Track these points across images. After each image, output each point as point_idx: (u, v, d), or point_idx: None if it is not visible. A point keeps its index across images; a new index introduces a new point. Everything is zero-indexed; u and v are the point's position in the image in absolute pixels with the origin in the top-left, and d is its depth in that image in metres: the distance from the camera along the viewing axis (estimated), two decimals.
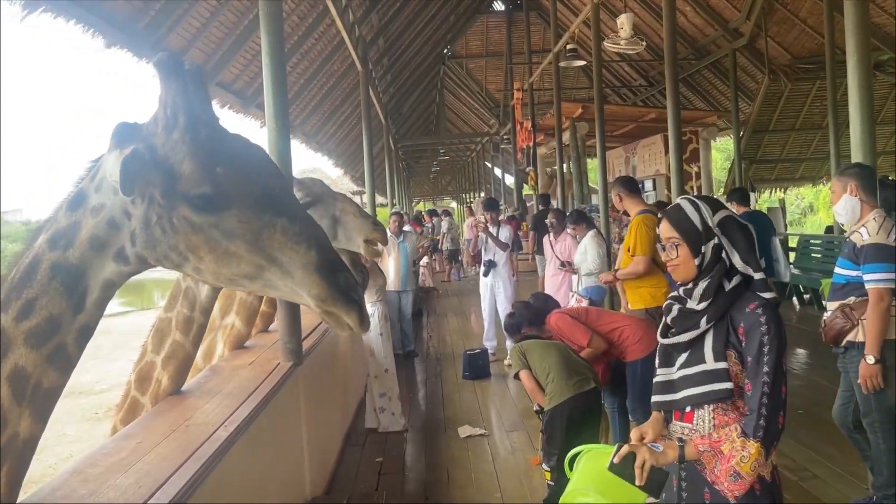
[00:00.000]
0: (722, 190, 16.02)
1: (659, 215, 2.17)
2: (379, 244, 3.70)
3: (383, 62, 13.92)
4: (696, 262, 1.92)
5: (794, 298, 10.16)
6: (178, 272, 1.76)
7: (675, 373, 1.95)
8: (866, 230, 3.24)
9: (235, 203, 1.54)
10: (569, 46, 11.65)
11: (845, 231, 3.62)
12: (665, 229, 1.99)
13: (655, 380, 2.02)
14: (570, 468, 1.98)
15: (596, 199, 15.78)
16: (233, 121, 8.12)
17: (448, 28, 18.51)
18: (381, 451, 5.05)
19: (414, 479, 4.58)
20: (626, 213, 5.76)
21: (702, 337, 1.90)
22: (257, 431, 2.85)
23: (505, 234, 7.73)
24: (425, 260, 13.50)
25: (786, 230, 13.05)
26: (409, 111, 23.70)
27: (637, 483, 1.78)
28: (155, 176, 1.52)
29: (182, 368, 2.91)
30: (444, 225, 17.27)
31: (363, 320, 1.62)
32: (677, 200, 2.06)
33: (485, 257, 7.67)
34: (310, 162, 31.66)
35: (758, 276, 1.90)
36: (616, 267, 5.19)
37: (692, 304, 1.93)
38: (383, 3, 11.30)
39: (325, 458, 4.45)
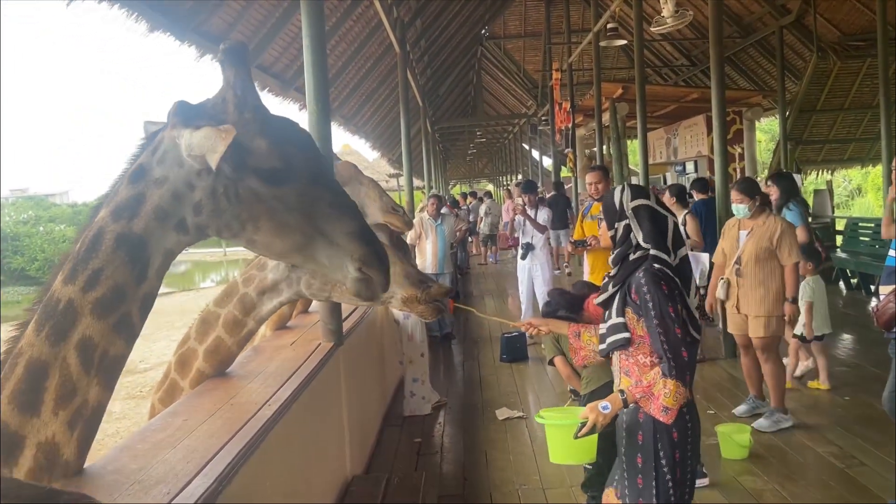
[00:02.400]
0: (766, 172, 15.66)
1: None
2: (398, 227, 3.73)
3: (420, 44, 13.83)
4: (610, 234, 2.47)
5: (841, 283, 9.91)
6: (236, 243, 1.85)
7: (604, 326, 2.44)
8: None
9: (296, 178, 1.68)
10: (609, 25, 11.44)
11: None
12: (599, 206, 2.64)
13: (599, 333, 2.50)
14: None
15: (635, 181, 15.59)
16: (272, 103, 8.16)
17: (486, 8, 18.31)
18: (420, 433, 5.08)
19: (452, 461, 4.60)
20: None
21: (612, 297, 2.39)
22: (300, 410, 2.89)
23: (543, 216, 7.68)
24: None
25: (833, 213, 12.67)
26: (447, 93, 23.56)
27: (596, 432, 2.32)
28: (228, 150, 1.61)
29: (224, 363, 2.98)
30: (483, 208, 17.19)
31: (389, 280, 1.83)
32: (618, 186, 2.54)
33: (522, 240, 7.63)
34: (347, 144, 31.75)
35: (653, 251, 2.34)
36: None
37: (612, 272, 2.45)
38: None
39: (364, 437, 4.50)
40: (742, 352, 4.92)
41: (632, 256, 2.37)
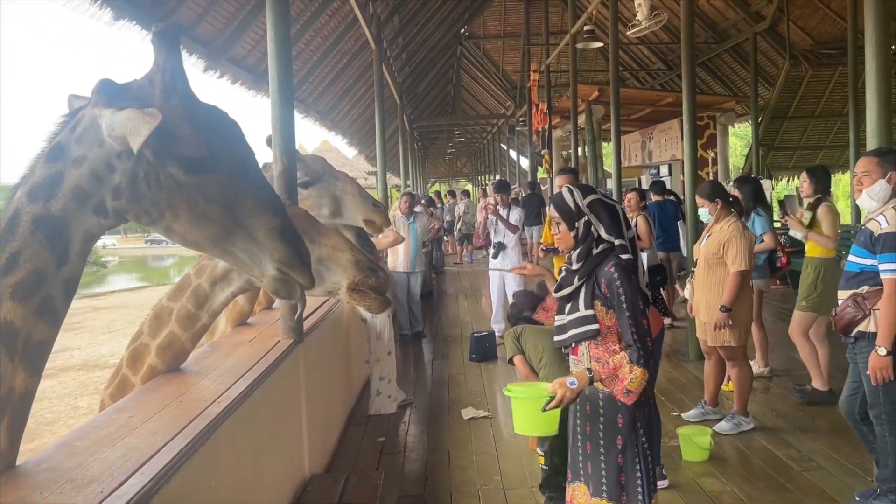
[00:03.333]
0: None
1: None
2: (380, 224, 3.66)
3: (398, 41, 13.79)
4: (572, 234, 2.49)
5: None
6: (154, 230, 1.82)
7: (565, 318, 2.49)
8: (885, 219, 3.14)
9: (219, 168, 1.66)
10: (586, 28, 11.48)
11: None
12: (551, 211, 2.58)
13: (555, 324, 2.59)
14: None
15: (610, 184, 15.69)
16: (244, 97, 8.06)
17: (465, 8, 18.31)
18: (384, 432, 5.04)
19: (415, 460, 4.56)
20: None
21: (578, 291, 2.45)
22: (252, 408, 2.83)
23: (515, 216, 7.67)
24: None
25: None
26: (425, 92, 23.53)
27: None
28: (152, 135, 1.57)
29: (178, 358, 2.91)
30: (462, 206, 17.17)
31: (312, 281, 1.81)
32: (562, 188, 2.59)
33: (494, 239, 7.62)
34: (326, 140, 31.58)
35: (618, 242, 2.44)
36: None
37: (573, 267, 2.49)
38: None
39: (326, 436, 4.44)
40: (706, 356, 4.94)
41: (595, 250, 2.45)
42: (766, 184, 11.37)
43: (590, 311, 2.42)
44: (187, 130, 1.63)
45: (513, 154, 30.23)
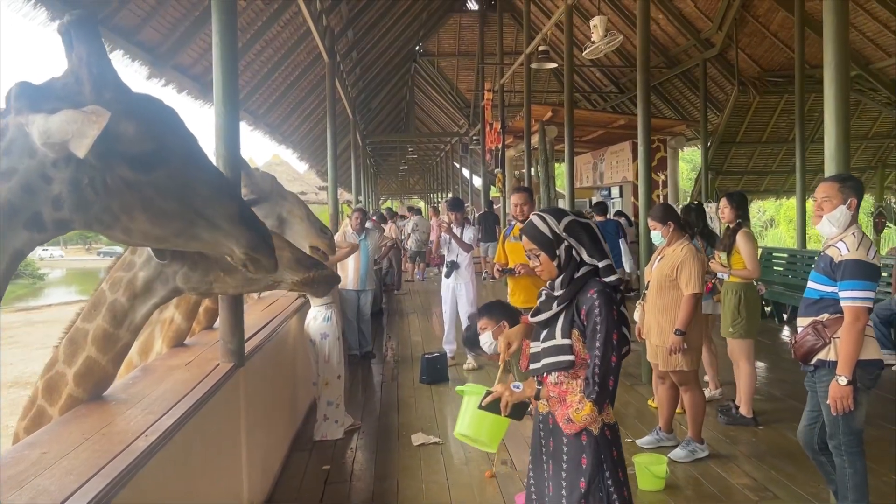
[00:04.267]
0: (687, 200, 16.06)
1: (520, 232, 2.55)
2: (325, 250, 3.47)
3: (352, 55, 13.62)
4: (555, 263, 2.35)
5: None
6: (110, 236, 1.68)
7: (540, 345, 2.37)
8: (845, 245, 3.09)
9: (169, 161, 1.57)
10: (541, 48, 11.51)
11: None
12: (525, 243, 2.42)
13: (530, 352, 2.46)
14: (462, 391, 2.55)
15: (563, 204, 15.74)
16: (192, 107, 7.78)
17: (420, 25, 18.28)
18: (330, 459, 4.80)
19: (362, 489, 4.34)
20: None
21: (556, 317, 2.33)
22: (185, 440, 2.60)
23: (469, 234, 7.54)
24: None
25: None
26: (379, 107, 23.40)
27: (503, 415, 2.35)
28: None
29: (99, 386, 2.67)
30: (410, 224, 16.99)
31: (277, 262, 1.85)
32: (530, 217, 2.45)
33: (448, 258, 7.48)
34: (277, 154, 31.14)
35: (602, 264, 2.33)
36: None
37: (556, 293, 2.35)
38: None
39: (267, 465, 4.19)
40: (658, 381, 4.87)
41: (577, 274, 2.33)
42: (713, 207, 11.54)
43: (566, 341, 2.28)
44: (129, 126, 1.51)
45: (466, 172, 30.23)
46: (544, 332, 2.38)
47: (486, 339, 3.51)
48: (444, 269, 7.52)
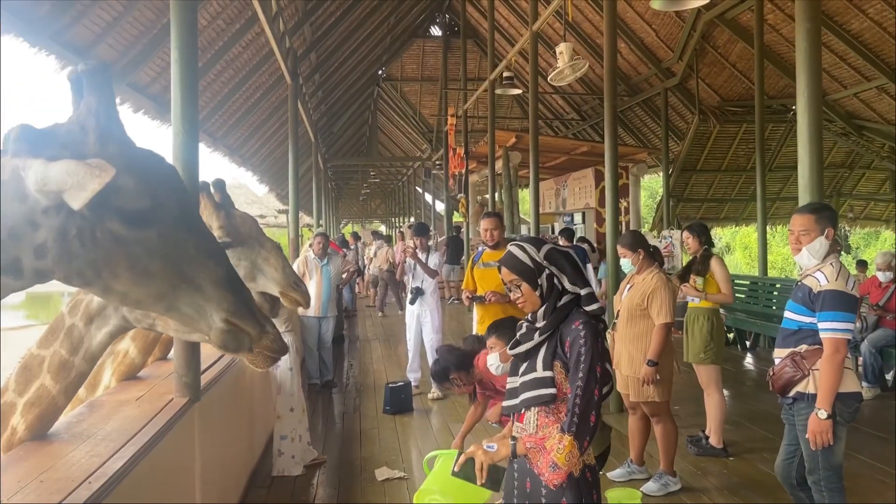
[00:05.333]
0: (647, 226, 16.22)
1: (497, 263, 2.40)
2: (297, 302, 3.30)
3: (315, 78, 13.50)
4: (537, 293, 2.24)
5: None
6: (87, 291, 1.66)
7: (518, 380, 2.24)
8: (823, 275, 3.04)
9: (162, 219, 1.52)
10: (506, 74, 11.54)
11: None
12: (505, 274, 2.30)
13: (507, 387, 2.32)
14: (428, 469, 2.39)
15: (526, 230, 15.74)
16: (148, 127, 7.55)
17: (384, 49, 18.27)
18: (289, 495, 4.58)
19: None
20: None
21: (537, 349, 2.21)
22: (133, 484, 2.38)
23: (434, 260, 7.41)
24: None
25: None
26: (341, 131, 23.26)
27: (478, 483, 2.10)
28: None
29: (45, 419, 2.46)
30: (373, 248, 16.80)
31: (264, 330, 1.67)
32: (508, 247, 2.34)
33: (412, 284, 7.32)
34: (235, 178, 30.72)
35: (584, 291, 2.24)
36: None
37: (538, 324, 2.24)
38: (317, 16, 10.93)
39: (223, 502, 3.95)
40: (629, 412, 4.77)
41: (560, 302, 2.22)
42: (676, 234, 11.63)
43: (548, 373, 2.16)
44: (128, 181, 1.46)
45: (428, 197, 30.19)
46: (524, 365, 2.25)
47: (493, 361, 3.38)
48: (409, 296, 7.36)
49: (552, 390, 2.14)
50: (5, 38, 4.49)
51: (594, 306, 2.22)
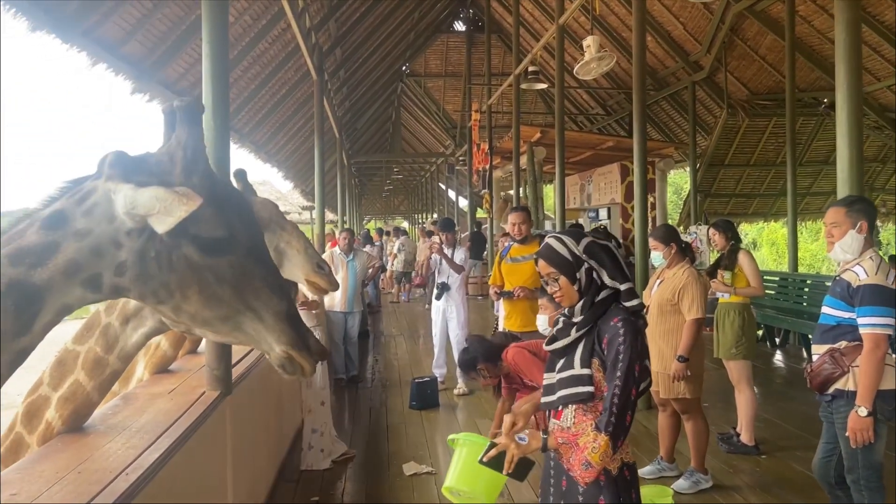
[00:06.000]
0: (673, 222, 16.05)
1: (534, 256, 2.36)
2: (323, 287, 3.28)
3: (339, 74, 13.52)
4: (575, 287, 2.19)
5: None
6: (158, 310, 1.69)
7: (555, 376, 2.21)
8: (863, 269, 2.97)
9: (235, 249, 1.61)
10: (531, 69, 11.47)
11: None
12: (543, 267, 2.25)
13: (544, 383, 2.29)
14: (453, 443, 2.34)
15: (550, 226, 15.66)
16: None
17: (408, 45, 18.26)
18: (318, 490, 4.59)
19: None
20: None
21: (575, 346, 2.17)
22: (169, 476, 2.40)
23: (460, 256, 7.39)
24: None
25: None
26: (365, 127, 23.30)
27: (504, 472, 2.09)
28: None
29: (80, 414, 2.48)
30: (397, 244, 16.83)
31: (314, 365, 1.75)
32: (546, 240, 2.30)
33: (438, 280, 7.31)
34: (259, 174, 30.93)
35: (624, 286, 2.17)
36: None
37: (575, 319, 2.20)
38: (342, 11, 10.94)
39: (253, 498, 3.97)
40: (659, 408, 4.71)
41: (599, 297, 2.17)
42: (703, 230, 11.49)
43: (585, 371, 2.12)
44: (208, 211, 1.55)
45: (451, 194, 30.16)
46: (561, 361, 2.21)
47: (541, 322, 3.43)
48: (435, 291, 7.35)
49: (590, 388, 2.11)
50: (38, 34, 4.54)
51: (634, 302, 2.17)
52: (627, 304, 2.17)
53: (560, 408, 2.20)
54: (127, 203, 1.52)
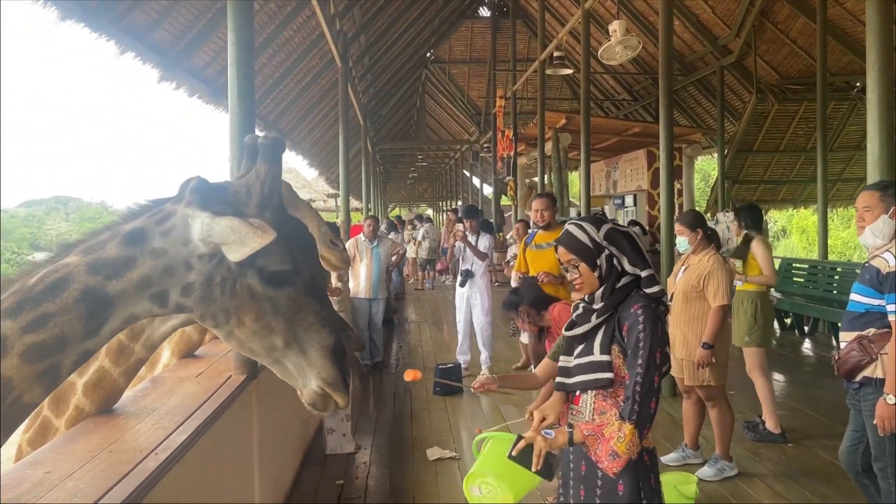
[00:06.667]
0: (700, 209, 15.86)
1: (554, 243, 2.33)
2: (335, 263, 3.31)
3: (364, 61, 13.52)
4: (596, 274, 2.17)
5: (775, 322, 9.93)
6: (213, 332, 1.76)
7: (572, 361, 2.21)
8: (892, 256, 2.92)
9: (294, 282, 1.67)
10: (556, 54, 11.38)
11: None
12: (562, 254, 2.24)
13: (559, 364, 2.28)
14: (478, 452, 2.41)
15: (574, 213, 15.58)
16: (202, 111, 7.67)
17: (432, 31, 18.20)
18: (342, 473, 4.65)
19: None
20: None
21: (595, 332, 2.16)
22: (197, 457, 2.45)
23: (484, 243, 7.38)
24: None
25: None
26: (389, 114, 23.31)
27: (533, 469, 2.05)
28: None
29: (109, 399, 2.52)
30: (421, 231, 16.86)
31: (349, 401, 1.76)
32: (566, 226, 2.27)
33: (462, 267, 7.31)
34: (285, 161, 31.02)
35: (645, 273, 2.16)
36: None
37: (596, 305, 2.19)
38: None
39: (279, 480, 4.04)
40: (683, 396, 4.69)
41: (619, 284, 2.16)
42: (731, 217, 11.35)
43: (605, 357, 2.11)
44: (274, 245, 1.60)
45: (476, 181, 30.10)
46: (580, 346, 2.21)
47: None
48: (459, 278, 7.36)
49: (609, 375, 2.10)
50: (68, 23, 4.60)
51: (655, 289, 2.15)
52: (648, 290, 2.15)
53: (578, 393, 2.20)
54: (203, 230, 1.60)
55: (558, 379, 2.27)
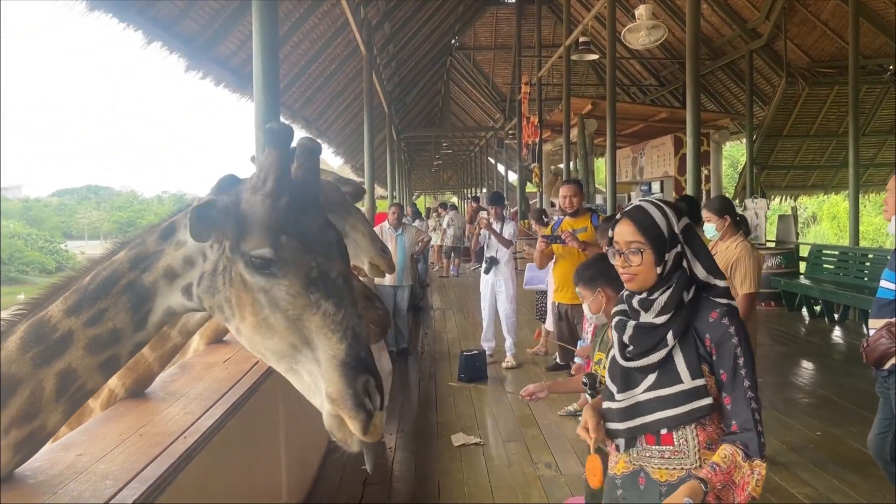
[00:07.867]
0: (729, 195, 15.66)
1: (618, 216, 1.93)
2: (384, 269, 3.37)
3: (388, 48, 13.53)
4: (658, 270, 1.80)
5: (804, 310, 9.81)
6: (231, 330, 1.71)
7: (640, 395, 1.82)
8: None
9: (290, 274, 1.54)
10: (582, 39, 11.28)
11: None
12: (627, 232, 1.84)
13: (615, 405, 1.86)
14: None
15: (601, 200, 15.49)
16: (228, 100, 7.74)
17: (457, 18, 18.12)
18: None
19: (402, 491, 4.23)
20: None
21: (670, 354, 1.78)
22: (224, 440, 2.49)
23: (509, 230, 7.37)
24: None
25: (797, 239, 12.63)
26: (414, 102, 23.31)
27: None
28: (229, 228, 1.58)
29: (142, 383, 2.58)
30: (446, 219, 16.87)
31: (367, 430, 1.42)
32: (639, 202, 1.90)
33: (486, 254, 7.32)
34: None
35: (722, 283, 1.82)
36: None
37: (648, 318, 1.81)
38: None
39: (305, 465, 4.10)
40: None
41: (688, 295, 1.80)
42: (760, 203, 11.20)
43: (699, 381, 1.75)
44: (256, 227, 1.56)
45: (501, 168, 30.01)
46: (652, 376, 1.81)
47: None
48: (484, 265, 7.37)
49: (709, 400, 1.75)
50: (96, 14, 4.67)
51: (724, 301, 1.82)
52: (718, 299, 1.82)
53: (665, 431, 1.80)
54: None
55: (626, 424, 1.84)
